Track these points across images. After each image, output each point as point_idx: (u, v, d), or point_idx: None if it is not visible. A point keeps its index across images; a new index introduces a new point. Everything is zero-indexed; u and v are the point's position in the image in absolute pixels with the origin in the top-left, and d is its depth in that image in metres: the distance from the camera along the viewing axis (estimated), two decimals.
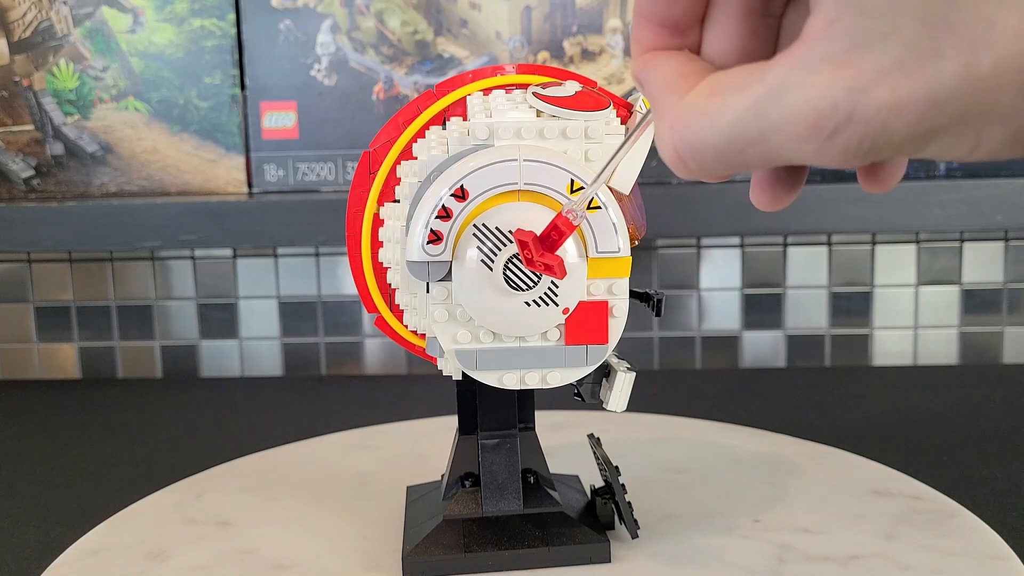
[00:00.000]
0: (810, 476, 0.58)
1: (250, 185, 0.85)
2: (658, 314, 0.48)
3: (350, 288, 0.94)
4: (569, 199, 0.42)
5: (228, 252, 0.94)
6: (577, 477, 0.55)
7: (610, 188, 0.43)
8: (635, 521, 0.48)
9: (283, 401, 0.85)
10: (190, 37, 0.84)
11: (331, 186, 0.84)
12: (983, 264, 0.91)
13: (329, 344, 0.94)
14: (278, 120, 0.84)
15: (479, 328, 0.44)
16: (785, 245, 0.92)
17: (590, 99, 0.44)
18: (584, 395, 0.47)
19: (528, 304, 0.43)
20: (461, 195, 0.42)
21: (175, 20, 0.84)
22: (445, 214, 0.42)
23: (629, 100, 0.46)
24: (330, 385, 0.90)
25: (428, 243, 0.42)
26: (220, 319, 0.95)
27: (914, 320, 0.92)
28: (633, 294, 0.49)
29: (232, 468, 0.63)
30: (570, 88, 0.45)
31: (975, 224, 0.77)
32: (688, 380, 0.88)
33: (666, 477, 0.59)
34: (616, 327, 0.44)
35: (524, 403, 0.50)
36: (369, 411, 0.79)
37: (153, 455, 0.69)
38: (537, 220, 0.42)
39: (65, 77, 0.85)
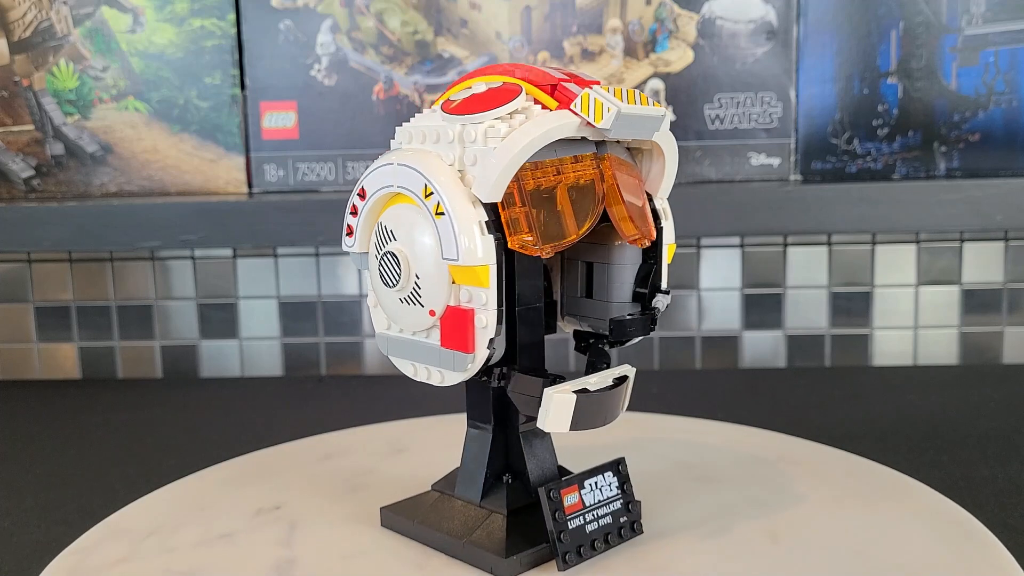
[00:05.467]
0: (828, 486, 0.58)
1: (250, 185, 0.85)
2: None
3: (350, 288, 0.94)
4: None
5: (228, 252, 0.94)
6: None
7: (475, 194, 0.43)
8: (562, 553, 0.46)
9: (283, 401, 0.85)
10: (190, 37, 0.84)
11: (331, 186, 0.84)
12: (983, 264, 0.91)
13: (329, 344, 0.94)
14: (278, 120, 0.84)
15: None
16: (785, 245, 0.92)
17: (488, 99, 0.44)
18: (519, 408, 0.47)
19: (401, 301, 0.45)
20: (362, 195, 0.46)
21: (175, 20, 0.84)
22: (354, 211, 0.47)
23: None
24: (330, 385, 0.90)
25: (345, 235, 0.48)
26: (220, 319, 0.95)
27: (914, 320, 0.92)
28: (637, 296, 0.49)
29: (231, 467, 0.63)
30: (477, 88, 0.45)
31: (975, 224, 0.77)
32: (688, 380, 0.88)
33: (664, 478, 0.59)
34: (482, 337, 0.44)
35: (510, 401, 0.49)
36: (369, 411, 0.79)
37: (153, 455, 0.69)
38: (406, 219, 0.44)
39: (65, 77, 0.85)
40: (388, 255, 0.45)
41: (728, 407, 0.77)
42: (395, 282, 0.45)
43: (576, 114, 0.44)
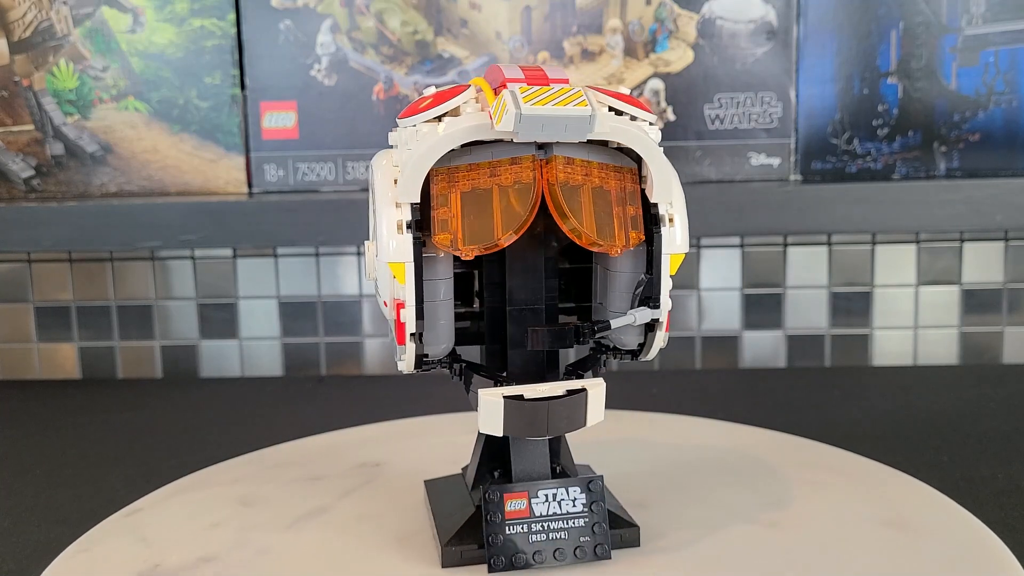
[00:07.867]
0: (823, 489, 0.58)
1: (250, 185, 0.85)
2: (577, 342, 0.46)
3: (350, 288, 0.94)
4: None
5: (228, 252, 0.94)
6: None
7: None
8: (489, 556, 0.46)
9: (283, 401, 0.85)
10: (190, 37, 0.84)
11: (331, 186, 0.84)
12: (983, 264, 0.91)
13: (329, 344, 0.94)
14: (278, 120, 0.84)
15: None
16: (785, 245, 0.92)
17: (431, 102, 0.44)
18: (472, 405, 0.47)
19: (376, 292, 0.48)
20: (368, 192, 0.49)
21: (175, 20, 0.84)
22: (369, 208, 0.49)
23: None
24: (330, 385, 0.90)
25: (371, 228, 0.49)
26: (220, 319, 0.95)
27: (914, 320, 0.92)
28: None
29: (231, 467, 0.63)
30: (428, 91, 0.45)
31: (975, 224, 0.77)
32: (688, 380, 0.88)
33: (661, 479, 0.59)
34: (405, 331, 0.44)
35: None
36: (369, 411, 0.79)
37: (153, 455, 0.69)
38: (381, 216, 0.46)
39: (65, 77, 0.85)
40: (366, 248, 0.48)
41: (728, 407, 0.77)
42: (367, 274, 0.48)
43: (489, 116, 0.42)
